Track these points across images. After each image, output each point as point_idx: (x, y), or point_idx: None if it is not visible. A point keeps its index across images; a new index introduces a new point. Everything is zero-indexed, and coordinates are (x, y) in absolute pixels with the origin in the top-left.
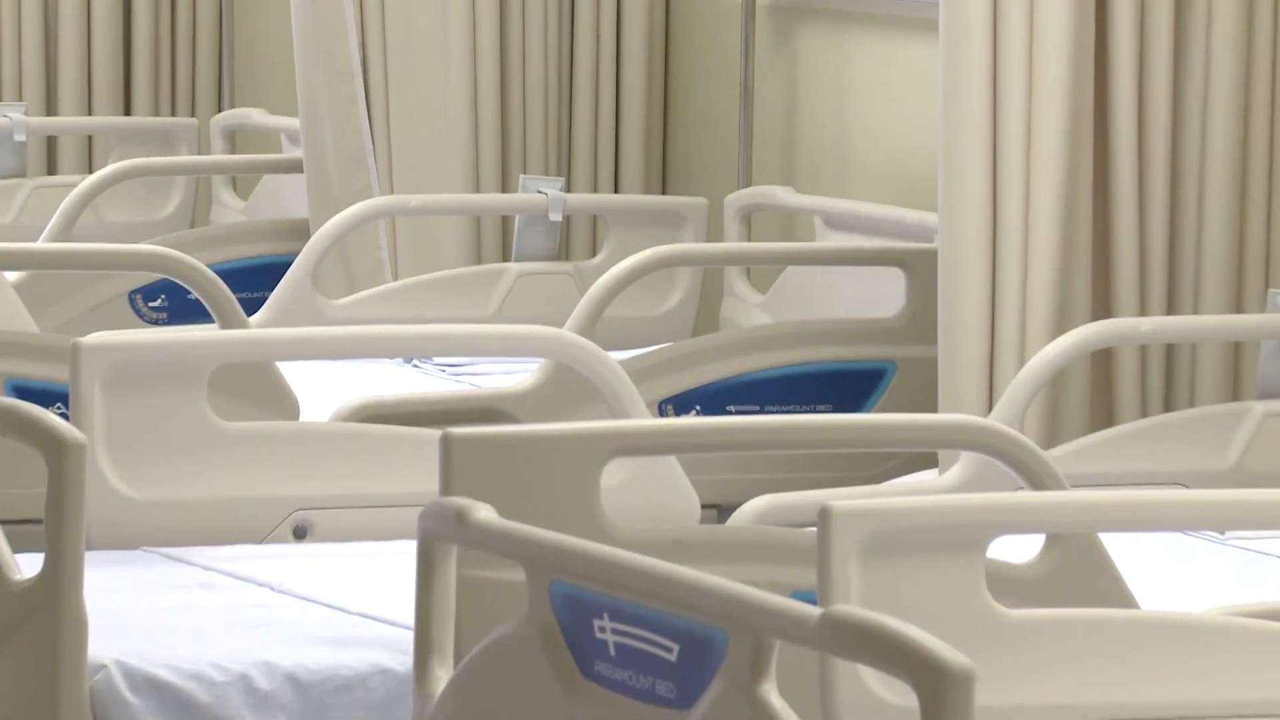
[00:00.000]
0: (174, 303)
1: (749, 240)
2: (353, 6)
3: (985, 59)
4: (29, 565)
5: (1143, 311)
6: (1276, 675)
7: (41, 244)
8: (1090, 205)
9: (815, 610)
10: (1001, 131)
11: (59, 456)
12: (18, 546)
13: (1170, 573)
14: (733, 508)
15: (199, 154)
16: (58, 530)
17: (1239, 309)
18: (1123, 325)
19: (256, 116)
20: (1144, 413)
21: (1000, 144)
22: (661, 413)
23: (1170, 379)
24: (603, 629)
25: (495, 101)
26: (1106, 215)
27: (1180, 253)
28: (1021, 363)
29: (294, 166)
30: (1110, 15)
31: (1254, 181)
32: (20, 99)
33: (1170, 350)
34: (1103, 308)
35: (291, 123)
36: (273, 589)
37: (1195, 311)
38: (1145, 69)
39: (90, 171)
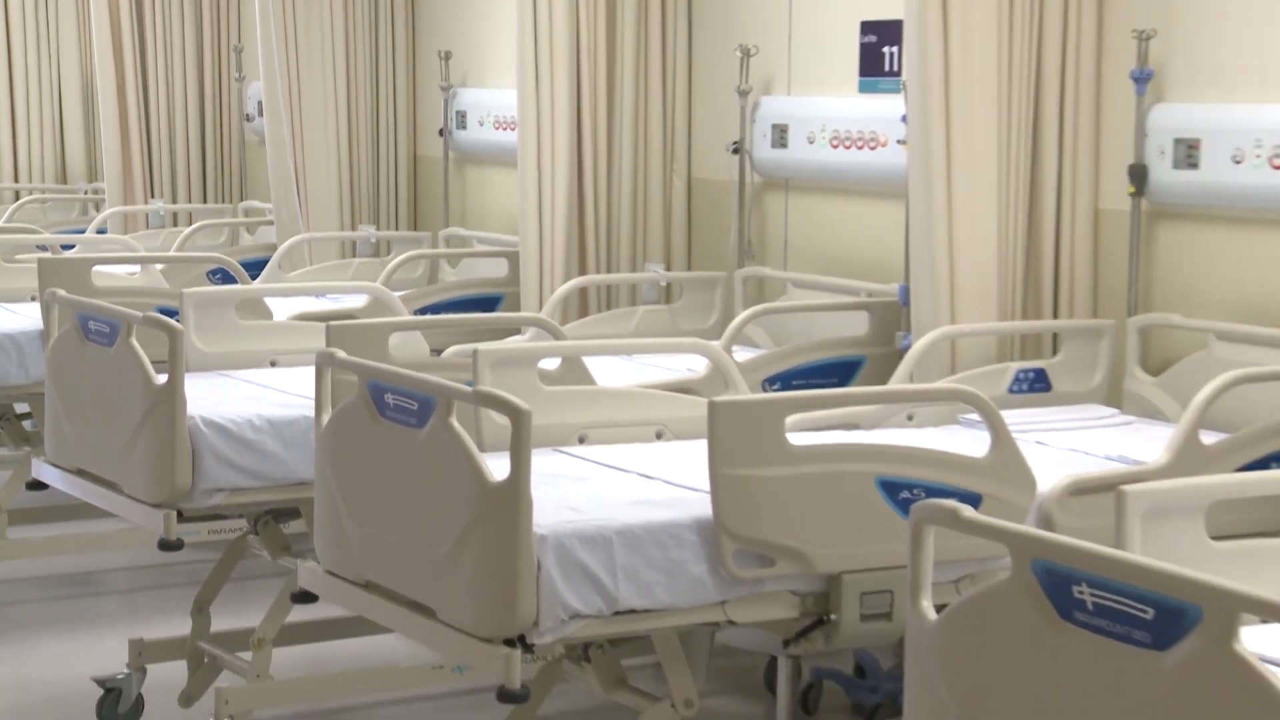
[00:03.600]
0: (225, 277)
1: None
2: (291, 156)
3: (535, 182)
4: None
5: (599, 271)
6: (663, 410)
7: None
8: (579, 228)
9: (472, 389)
10: (544, 210)
11: (174, 336)
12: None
13: (611, 374)
14: (440, 351)
15: (236, 218)
16: (174, 361)
17: (636, 269)
18: (591, 279)
19: (257, 203)
20: (601, 310)
21: (544, 219)
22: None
23: (608, 298)
24: (390, 397)
25: (350, 193)
26: (582, 227)
27: (613, 244)
28: (551, 290)
29: (270, 223)
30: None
31: (639, 207)
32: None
33: (609, 287)
34: (584, 271)
35: (268, 205)
36: (262, 386)
37: (619, 270)
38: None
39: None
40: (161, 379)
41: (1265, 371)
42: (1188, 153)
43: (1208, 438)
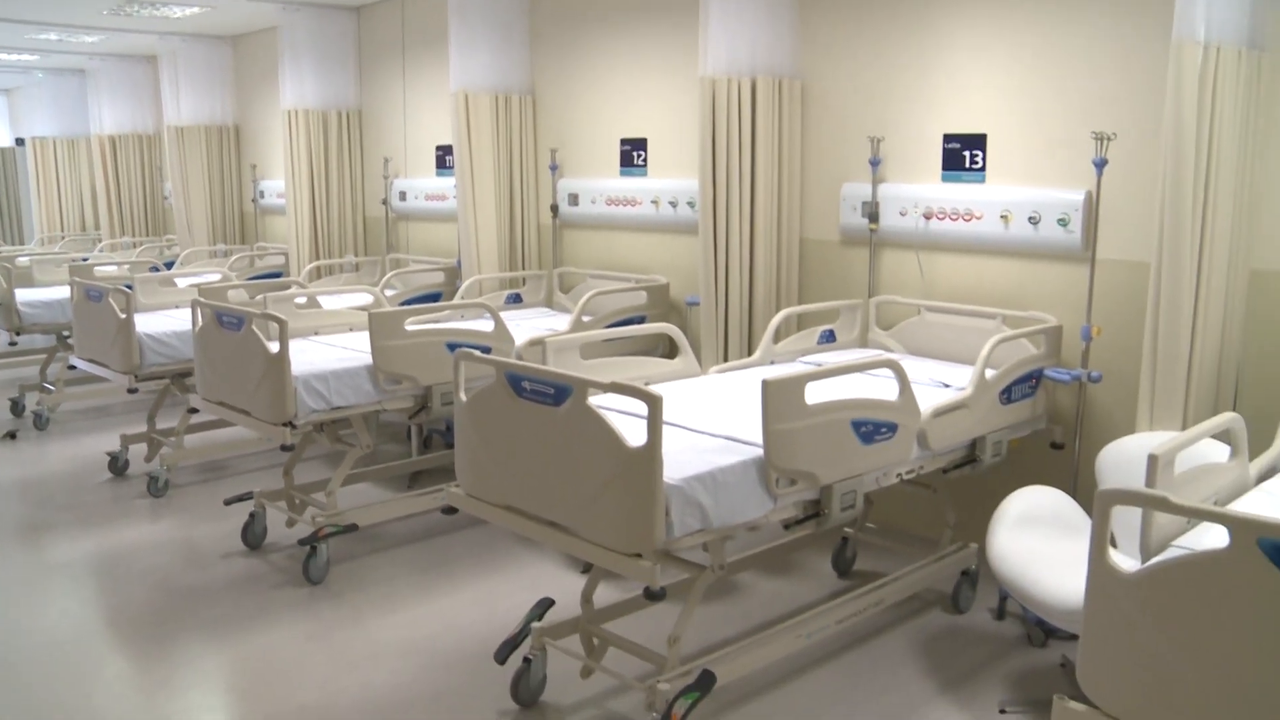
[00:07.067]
0: (155, 269)
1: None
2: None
3: (294, 220)
4: (122, 316)
5: (326, 258)
6: (353, 318)
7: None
8: (314, 239)
9: (262, 313)
10: (299, 232)
11: (129, 297)
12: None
13: (331, 304)
14: (252, 297)
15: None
16: (128, 308)
17: (344, 256)
18: (322, 262)
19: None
20: (327, 276)
21: (299, 236)
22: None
23: (330, 270)
24: (225, 318)
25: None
26: (316, 239)
27: (332, 246)
28: (303, 268)
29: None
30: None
31: (344, 230)
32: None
33: (330, 265)
34: (319, 259)
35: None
36: (170, 317)
37: (335, 258)
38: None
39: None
40: (123, 316)
41: (610, 289)
42: (573, 200)
43: (586, 319)
